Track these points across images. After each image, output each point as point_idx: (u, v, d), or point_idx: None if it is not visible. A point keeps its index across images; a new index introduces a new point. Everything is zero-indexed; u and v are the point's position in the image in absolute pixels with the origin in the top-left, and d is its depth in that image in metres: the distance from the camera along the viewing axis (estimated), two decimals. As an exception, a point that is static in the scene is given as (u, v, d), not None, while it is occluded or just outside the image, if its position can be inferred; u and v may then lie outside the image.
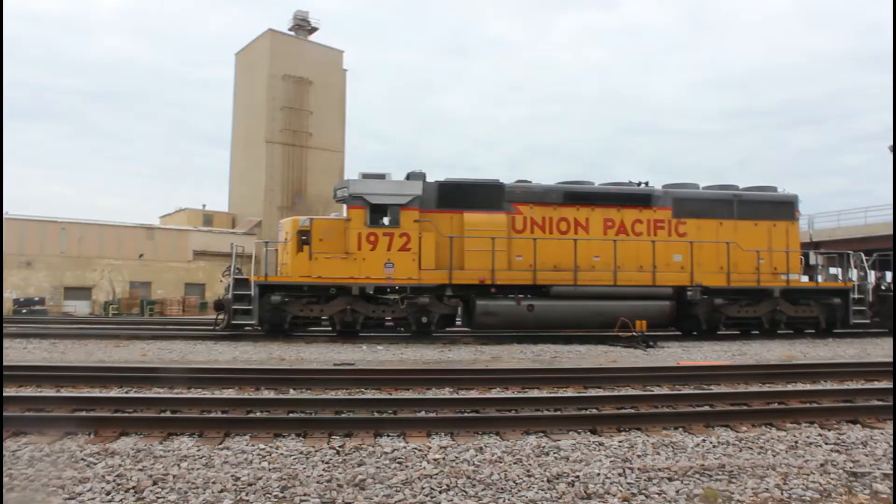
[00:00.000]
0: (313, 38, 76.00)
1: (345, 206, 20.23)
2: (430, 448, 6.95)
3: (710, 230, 21.62)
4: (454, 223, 20.03)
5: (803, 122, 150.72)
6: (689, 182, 22.62)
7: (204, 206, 74.05)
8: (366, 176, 19.82)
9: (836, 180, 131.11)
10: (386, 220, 19.55)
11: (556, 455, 6.82)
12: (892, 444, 7.44)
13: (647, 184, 22.08)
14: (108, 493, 5.49)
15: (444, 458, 6.61)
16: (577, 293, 19.95)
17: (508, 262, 20.14)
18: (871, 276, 23.68)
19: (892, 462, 6.76)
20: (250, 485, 5.74)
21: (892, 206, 38.40)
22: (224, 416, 8.19)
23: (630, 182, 22.11)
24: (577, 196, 21.10)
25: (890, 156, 38.79)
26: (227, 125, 77.76)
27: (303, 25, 75.37)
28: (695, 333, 21.36)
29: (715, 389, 10.95)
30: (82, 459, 6.41)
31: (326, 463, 6.43)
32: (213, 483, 5.76)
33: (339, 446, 6.96)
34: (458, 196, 20.25)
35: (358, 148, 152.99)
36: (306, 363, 14.01)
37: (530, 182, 21.28)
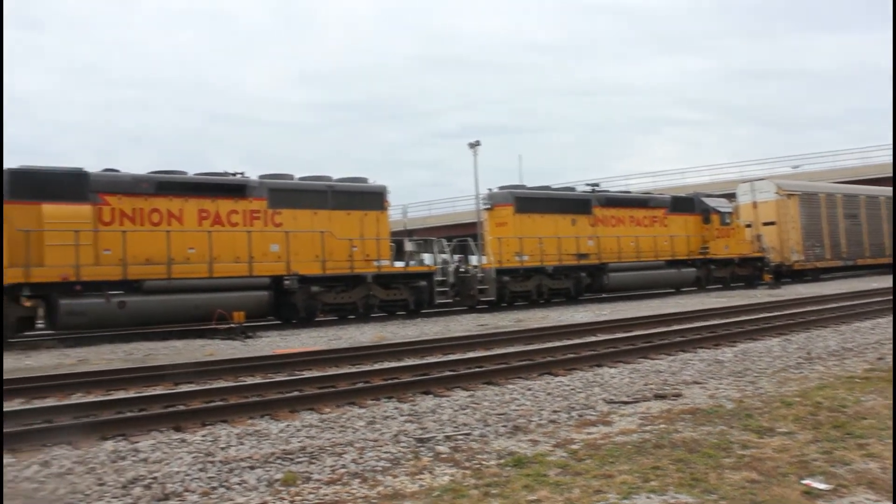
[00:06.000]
0: None
1: None
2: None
3: (305, 220, 22.15)
4: (31, 216, 18.07)
5: (388, 118, 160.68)
6: (285, 173, 22.99)
7: None
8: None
9: (423, 173, 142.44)
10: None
11: (133, 458, 6.48)
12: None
13: (242, 174, 21.98)
14: None
15: (1, 478, 5.93)
16: (171, 287, 19.20)
17: (96, 256, 18.72)
18: (456, 259, 26.40)
19: None
20: None
21: None
22: None
23: (226, 172, 21.85)
24: (169, 186, 20.28)
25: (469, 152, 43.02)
26: None
27: None
28: (294, 321, 21.81)
29: (306, 374, 11.29)
30: None
31: None
32: None
33: None
34: (35, 186, 18.30)
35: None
36: None
37: (119, 171, 20.01)
